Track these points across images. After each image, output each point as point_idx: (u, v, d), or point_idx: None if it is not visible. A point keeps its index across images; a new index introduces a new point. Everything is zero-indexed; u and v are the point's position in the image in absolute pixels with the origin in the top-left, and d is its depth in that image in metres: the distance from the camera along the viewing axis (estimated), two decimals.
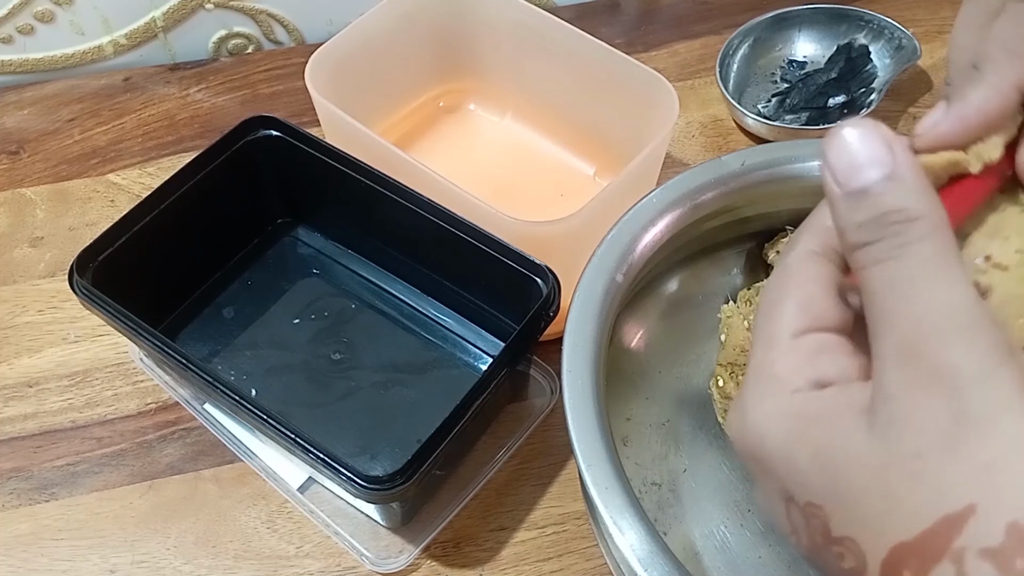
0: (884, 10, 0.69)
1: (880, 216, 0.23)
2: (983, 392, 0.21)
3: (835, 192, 0.24)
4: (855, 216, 0.23)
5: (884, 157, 0.23)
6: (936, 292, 0.22)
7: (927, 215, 0.23)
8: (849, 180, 0.23)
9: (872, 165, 0.23)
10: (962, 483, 0.21)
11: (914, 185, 0.23)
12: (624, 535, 0.36)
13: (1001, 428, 0.21)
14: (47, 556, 0.50)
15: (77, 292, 0.49)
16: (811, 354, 0.26)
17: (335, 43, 0.58)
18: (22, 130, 0.69)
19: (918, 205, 0.23)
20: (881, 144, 0.23)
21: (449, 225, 0.51)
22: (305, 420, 0.51)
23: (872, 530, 0.22)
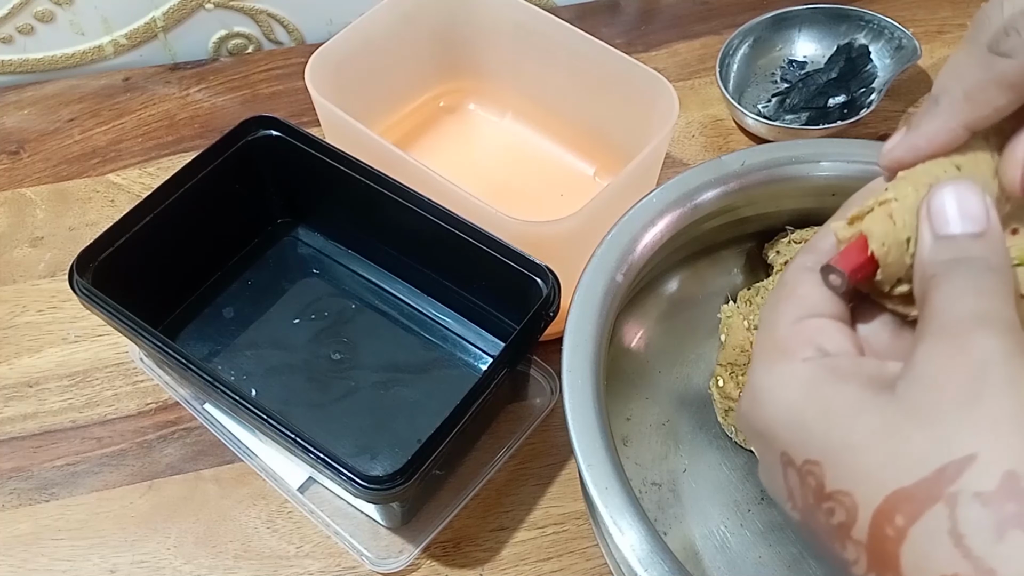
0: (884, 10, 0.69)
1: (963, 259, 0.26)
2: (1004, 367, 0.23)
3: (925, 232, 0.27)
4: (940, 255, 0.26)
5: (981, 216, 0.27)
6: (982, 300, 0.25)
7: (1002, 270, 0.26)
8: (942, 228, 0.27)
9: (966, 220, 0.26)
10: (968, 435, 0.22)
11: (998, 246, 0.26)
12: (624, 535, 0.36)
13: (1013, 393, 0.22)
14: (47, 556, 0.50)
15: (77, 292, 0.49)
16: (813, 333, 0.28)
17: (335, 43, 0.58)
18: (22, 130, 0.69)
19: (996, 260, 0.26)
20: (980, 205, 0.27)
21: (449, 225, 0.51)
22: (305, 420, 0.51)
23: (870, 480, 0.23)
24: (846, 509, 0.24)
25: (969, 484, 0.21)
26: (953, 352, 0.24)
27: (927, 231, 0.27)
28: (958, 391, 0.23)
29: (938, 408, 0.23)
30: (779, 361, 0.27)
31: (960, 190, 0.27)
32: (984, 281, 0.25)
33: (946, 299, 0.25)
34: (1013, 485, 0.21)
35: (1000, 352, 0.24)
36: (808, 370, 0.26)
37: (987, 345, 0.24)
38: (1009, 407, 0.22)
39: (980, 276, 0.25)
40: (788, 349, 0.27)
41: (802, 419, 0.26)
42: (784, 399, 0.26)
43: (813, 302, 0.28)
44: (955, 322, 0.25)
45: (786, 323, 0.28)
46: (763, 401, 0.27)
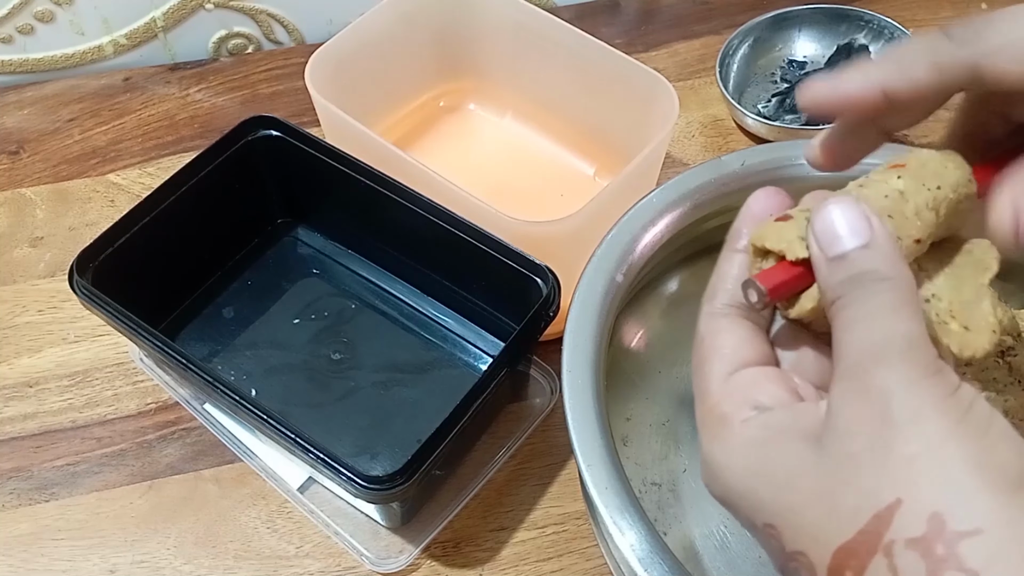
0: (884, 10, 0.69)
1: (856, 275, 0.26)
2: (906, 401, 0.23)
3: (819, 256, 0.27)
4: (835, 277, 0.26)
5: (864, 231, 0.26)
6: (883, 325, 0.25)
7: (894, 276, 0.26)
8: (831, 247, 0.27)
9: (852, 236, 0.26)
10: (889, 482, 0.23)
11: (886, 252, 0.26)
12: (624, 535, 0.36)
13: (920, 430, 0.23)
14: (47, 556, 0.50)
15: (77, 292, 0.49)
16: (746, 388, 0.28)
17: (335, 43, 0.58)
18: (22, 130, 0.69)
19: (886, 267, 0.26)
20: (861, 218, 0.27)
21: (449, 225, 0.51)
22: (305, 420, 0.51)
23: (817, 539, 0.24)
24: (806, 568, 0.25)
25: (900, 531, 0.22)
26: (858, 396, 0.24)
27: (818, 254, 0.27)
28: (869, 439, 0.23)
29: (857, 459, 0.24)
30: (720, 430, 0.28)
31: (842, 206, 0.27)
32: (877, 299, 0.25)
33: (845, 331, 0.26)
34: (939, 527, 0.22)
35: (901, 384, 0.24)
36: (749, 434, 0.27)
37: (887, 381, 0.24)
38: (919, 445, 0.23)
39: (873, 294, 0.25)
40: (725, 415, 0.28)
41: (753, 486, 0.26)
42: (733, 470, 0.27)
43: (736, 352, 0.29)
44: (855, 361, 0.25)
45: (717, 384, 0.28)
46: (715, 474, 0.28)
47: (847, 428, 0.24)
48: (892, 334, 0.24)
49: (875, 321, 0.25)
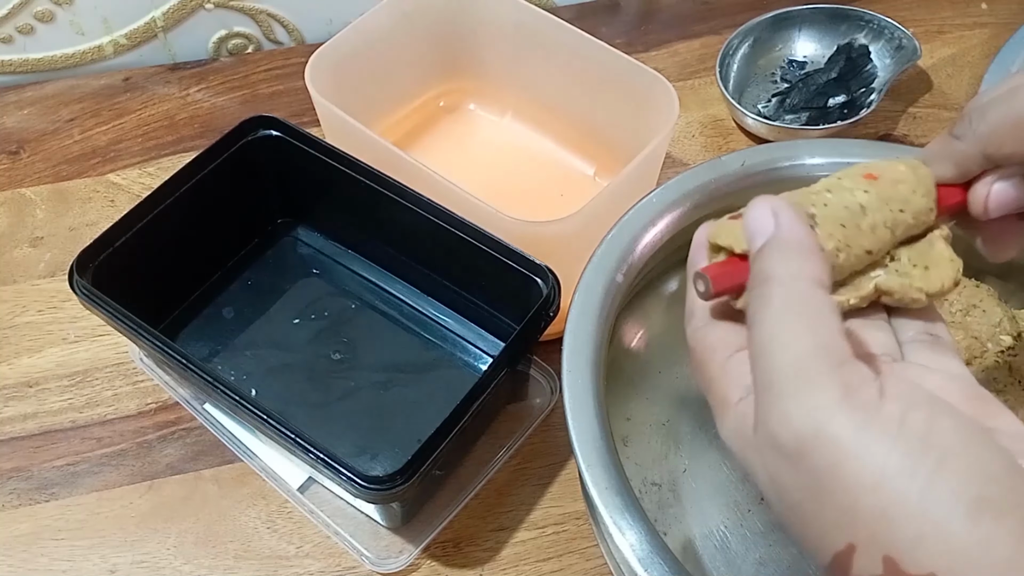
0: (884, 10, 0.69)
1: (756, 273, 0.28)
2: (823, 445, 0.23)
3: (752, 245, 0.29)
4: (752, 273, 0.28)
5: (768, 227, 0.28)
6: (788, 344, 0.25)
7: (778, 276, 0.27)
8: (752, 244, 0.28)
9: (758, 235, 0.28)
10: (838, 528, 0.23)
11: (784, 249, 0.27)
12: (624, 535, 0.36)
13: (847, 473, 0.23)
14: (47, 556, 0.50)
15: (77, 292, 0.49)
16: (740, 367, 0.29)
17: (335, 43, 0.58)
18: (22, 130, 0.69)
19: (774, 266, 0.27)
20: (768, 216, 0.28)
21: (449, 225, 0.51)
22: (305, 420, 0.51)
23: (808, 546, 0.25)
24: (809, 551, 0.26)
25: (862, 569, 0.23)
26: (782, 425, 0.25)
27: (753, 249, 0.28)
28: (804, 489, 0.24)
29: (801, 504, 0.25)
30: (723, 410, 0.29)
31: (757, 203, 0.28)
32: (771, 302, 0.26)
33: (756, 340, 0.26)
34: (894, 568, 0.22)
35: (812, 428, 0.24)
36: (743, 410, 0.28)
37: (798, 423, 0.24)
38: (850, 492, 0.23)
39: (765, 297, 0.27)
40: (726, 396, 0.29)
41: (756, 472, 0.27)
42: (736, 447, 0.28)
43: (725, 341, 0.30)
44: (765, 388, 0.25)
45: (717, 371, 0.30)
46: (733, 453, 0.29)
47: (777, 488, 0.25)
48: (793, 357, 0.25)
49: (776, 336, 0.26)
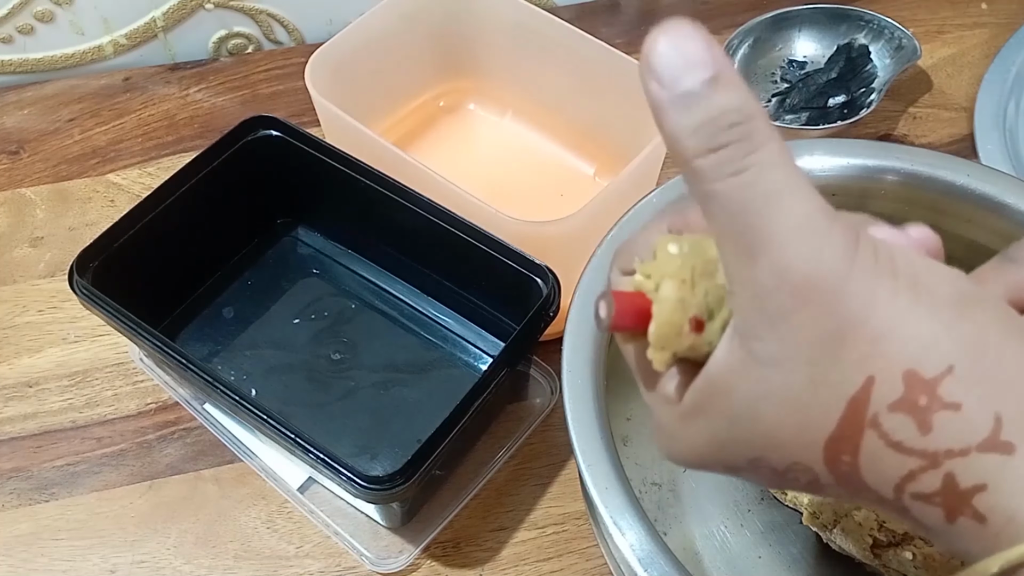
0: (884, 10, 0.69)
1: (716, 117, 0.23)
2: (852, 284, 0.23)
3: (662, 98, 0.23)
4: (687, 120, 0.23)
5: (707, 58, 0.23)
6: (795, 207, 0.23)
7: (758, 112, 0.23)
8: (676, 83, 0.23)
9: (701, 64, 0.23)
10: (856, 367, 0.23)
11: (740, 84, 0.23)
12: (624, 535, 0.36)
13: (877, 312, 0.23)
14: (47, 556, 0.50)
15: (77, 292, 0.49)
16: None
17: (335, 43, 0.58)
18: (22, 130, 0.69)
19: (750, 104, 0.23)
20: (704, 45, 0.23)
21: (449, 225, 0.51)
22: (305, 420, 0.51)
23: (804, 444, 0.24)
24: (802, 472, 0.25)
25: (880, 402, 0.23)
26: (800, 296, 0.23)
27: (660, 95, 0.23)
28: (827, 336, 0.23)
29: (819, 359, 0.23)
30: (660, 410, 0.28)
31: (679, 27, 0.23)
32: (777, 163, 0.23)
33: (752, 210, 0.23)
34: (915, 382, 0.22)
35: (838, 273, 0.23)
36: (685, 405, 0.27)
37: (824, 272, 0.22)
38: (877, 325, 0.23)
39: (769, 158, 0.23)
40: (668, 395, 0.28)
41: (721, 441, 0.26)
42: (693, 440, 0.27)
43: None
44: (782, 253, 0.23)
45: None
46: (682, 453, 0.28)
47: (798, 337, 0.23)
48: (803, 214, 0.23)
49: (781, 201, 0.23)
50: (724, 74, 0.23)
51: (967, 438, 0.22)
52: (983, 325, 0.23)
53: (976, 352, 0.23)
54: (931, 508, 0.23)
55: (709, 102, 0.23)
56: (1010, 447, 0.22)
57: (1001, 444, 0.22)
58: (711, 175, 0.23)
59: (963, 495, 0.23)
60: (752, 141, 0.23)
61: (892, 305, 0.23)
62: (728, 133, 0.23)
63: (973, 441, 0.22)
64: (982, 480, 0.22)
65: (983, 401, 0.22)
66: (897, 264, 0.24)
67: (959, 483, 0.23)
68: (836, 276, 0.23)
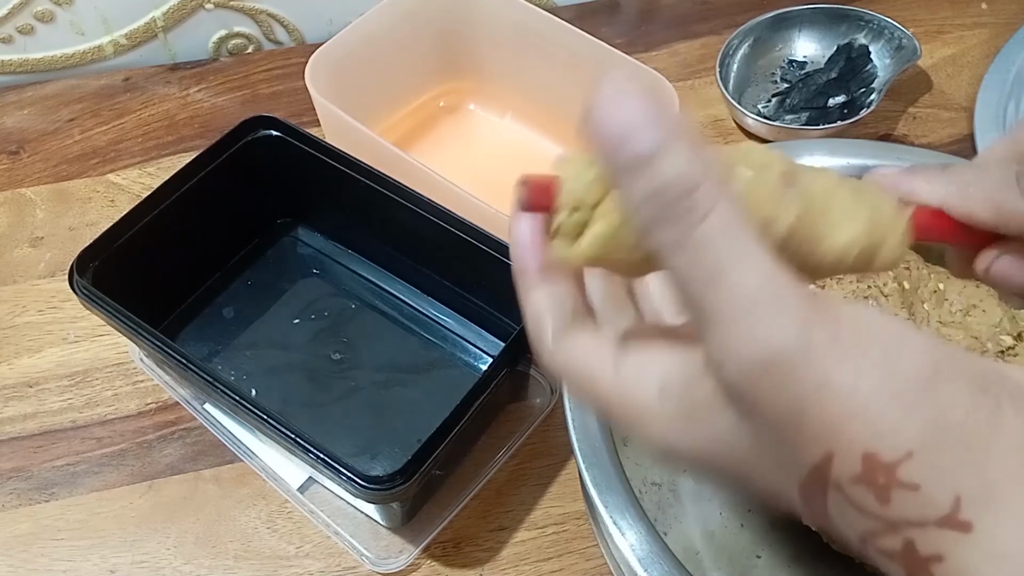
0: (884, 10, 0.69)
1: (661, 188, 0.22)
2: (804, 365, 0.22)
3: (611, 161, 0.23)
4: (636, 188, 0.23)
5: (655, 123, 0.22)
6: (743, 282, 0.22)
7: (704, 178, 0.22)
8: (622, 150, 0.23)
9: (648, 128, 0.22)
10: (816, 443, 0.23)
11: (685, 147, 0.22)
12: (624, 535, 0.36)
13: (834, 394, 0.23)
14: (47, 556, 0.50)
15: (77, 292, 0.49)
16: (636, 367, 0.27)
17: (335, 43, 0.58)
18: (22, 130, 0.69)
19: (695, 170, 0.22)
20: (651, 109, 0.22)
21: (449, 225, 0.51)
22: (305, 420, 0.51)
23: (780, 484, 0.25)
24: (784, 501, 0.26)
25: (842, 474, 0.23)
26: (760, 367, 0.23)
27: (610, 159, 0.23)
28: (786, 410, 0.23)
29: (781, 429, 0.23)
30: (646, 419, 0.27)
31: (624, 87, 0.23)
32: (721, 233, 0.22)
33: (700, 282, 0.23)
34: (873, 464, 0.23)
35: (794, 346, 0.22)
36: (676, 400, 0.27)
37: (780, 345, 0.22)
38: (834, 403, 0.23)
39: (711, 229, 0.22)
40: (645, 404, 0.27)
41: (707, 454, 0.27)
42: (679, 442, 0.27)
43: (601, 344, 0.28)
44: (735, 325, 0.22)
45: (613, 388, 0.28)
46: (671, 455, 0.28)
47: (755, 408, 0.23)
48: (756, 284, 0.22)
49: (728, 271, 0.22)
50: (673, 138, 0.22)
51: (925, 514, 0.22)
52: (949, 406, 0.23)
53: (938, 435, 0.22)
54: (895, 565, 0.24)
55: (653, 172, 0.22)
56: (968, 526, 0.22)
57: (959, 523, 0.22)
58: (662, 248, 0.23)
59: (922, 561, 0.23)
60: (696, 213, 0.22)
61: (850, 386, 0.22)
62: (672, 207, 0.22)
63: (931, 517, 0.22)
64: (939, 552, 0.22)
65: (942, 482, 0.22)
66: (861, 338, 0.23)
67: (918, 550, 0.23)
68: (789, 356, 0.22)
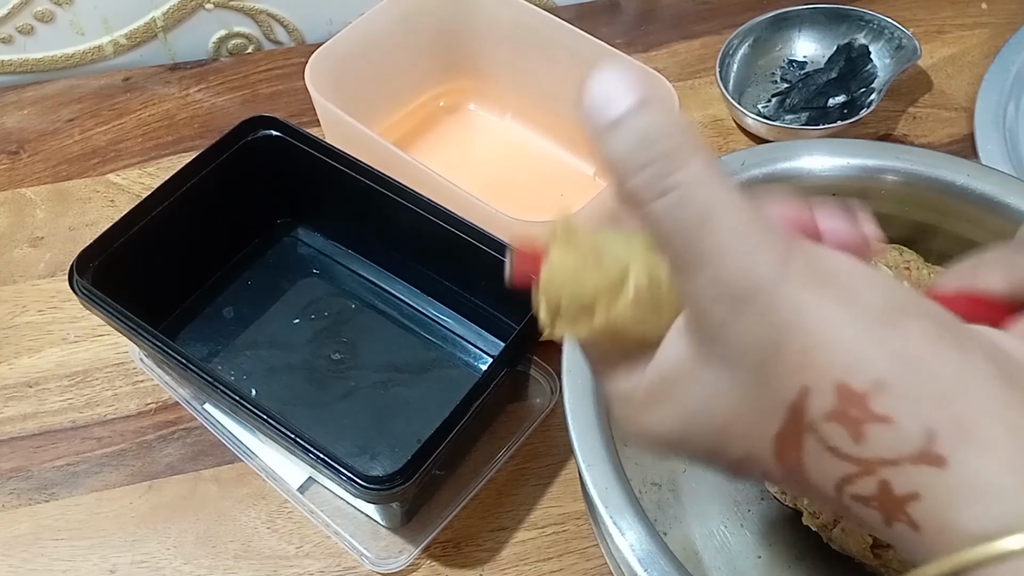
0: (884, 10, 0.69)
1: (641, 139, 0.24)
2: (784, 295, 0.24)
3: (595, 130, 0.25)
4: (616, 145, 0.25)
5: (629, 87, 0.25)
6: (725, 222, 0.24)
7: (682, 131, 0.24)
8: (606, 112, 0.25)
9: (626, 94, 0.25)
10: (792, 376, 0.24)
11: (664, 108, 0.25)
12: (624, 535, 0.36)
13: (808, 323, 0.23)
14: (47, 556, 0.50)
15: (77, 292, 0.49)
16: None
17: (335, 43, 0.58)
18: (22, 130, 0.69)
19: (672, 124, 0.25)
20: (631, 77, 0.25)
21: (449, 225, 0.51)
22: (305, 420, 0.51)
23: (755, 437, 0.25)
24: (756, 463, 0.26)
25: (816, 411, 0.24)
26: (740, 304, 0.24)
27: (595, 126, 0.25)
28: (766, 342, 0.24)
29: (759, 366, 0.24)
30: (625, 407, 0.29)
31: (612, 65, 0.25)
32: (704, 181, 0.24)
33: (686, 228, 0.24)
34: (847, 395, 0.23)
35: (773, 278, 0.23)
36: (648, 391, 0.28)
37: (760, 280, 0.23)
38: (809, 332, 0.23)
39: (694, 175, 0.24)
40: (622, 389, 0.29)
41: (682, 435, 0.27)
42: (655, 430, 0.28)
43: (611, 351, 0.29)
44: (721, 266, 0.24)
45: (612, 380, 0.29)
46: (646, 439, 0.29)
47: (740, 346, 0.24)
48: (737, 226, 0.24)
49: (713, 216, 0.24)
50: (651, 98, 0.25)
51: (899, 449, 0.23)
52: (916, 337, 0.23)
53: (908, 365, 0.23)
54: (870, 511, 0.24)
55: (633, 124, 0.25)
56: (942, 460, 0.22)
57: (933, 457, 0.22)
58: (642, 196, 0.25)
59: (898, 501, 0.23)
60: (676, 160, 0.24)
61: (824, 316, 0.23)
62: (651, 152, 0.24)
63: (905, 453, 0.23)
64: (915, 490, 0.23)
65: (915, 415, 0.23)
66: (831, 274, 0.24)
67: (893, 490, 0.23)
68: (769, 286, 0.23)
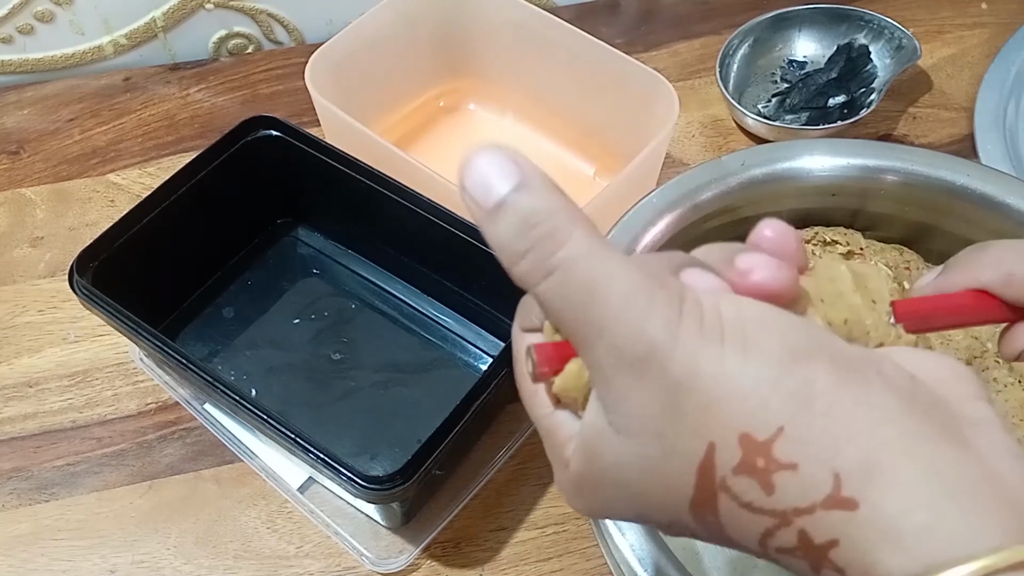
0: (884, 10, 0.69)
1: (522, 221, 0.24)
2: (678, 353, 0.23)
3: (480, 215, 0.25)
4: (501, 230, 0.25)
5: (509, 169, 0.25)
6: (611, 292, 0.24)
7: (560, 209, 0.25)
8: (485, 200, 0.25)
9: (501, 179, 0.25)
10: (696, 435, 0.24)
11: (542, 187, 0.25)
12: (624, 535, 0.36)
13: (705, 378, 0.23)
14: (47, 556, 0.50)
15: (77, 292, 0.49)
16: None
17: (335, 43, 0.58)
18: (22, 130, 0.69)
19: (552, 201, 0.25)
20: (507, 160, 0.25)
21: (449, 225, 0.51)
22: (305, 420, 0.51)
23: (673, 507, 0.25)
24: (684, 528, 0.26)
25: (724, 467, 0.23)
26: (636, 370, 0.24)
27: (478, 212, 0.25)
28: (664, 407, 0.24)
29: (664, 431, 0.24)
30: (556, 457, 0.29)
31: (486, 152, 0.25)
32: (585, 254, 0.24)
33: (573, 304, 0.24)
34: (750, 445, 0.23)
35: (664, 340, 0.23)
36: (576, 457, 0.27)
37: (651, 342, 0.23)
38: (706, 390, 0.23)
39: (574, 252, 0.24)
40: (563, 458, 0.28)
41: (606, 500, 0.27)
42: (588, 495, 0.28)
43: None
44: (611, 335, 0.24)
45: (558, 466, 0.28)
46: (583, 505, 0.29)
47: (641, 413, 0.24)
48: (622, 294, 0.24)
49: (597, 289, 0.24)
50: (527, 180, 0.25)
51: (810, 496, 0.23)
52: (812, 379, 0.23)
53: (806, 409, 0.23)
54: (796, 561, 0.24)
55: (511, 209, 0.24)
56: (853, 503, 0.22)
57: (843, 501, 0.22)
58: (530, 280, 0.25)
59: (820, 550, 0.23)
60: (555, 238, 0.24)
61: (721, 369, 0.23)
62: (531, 236, 0.24)
63: (816, 499, 0.22)
64: (833, 536, 0.23)
65: (818, 459, 0.22)
66: (725, 324, 0.24)
67: (813, 539, 0.23)
68: (663, 348, 0.23)
